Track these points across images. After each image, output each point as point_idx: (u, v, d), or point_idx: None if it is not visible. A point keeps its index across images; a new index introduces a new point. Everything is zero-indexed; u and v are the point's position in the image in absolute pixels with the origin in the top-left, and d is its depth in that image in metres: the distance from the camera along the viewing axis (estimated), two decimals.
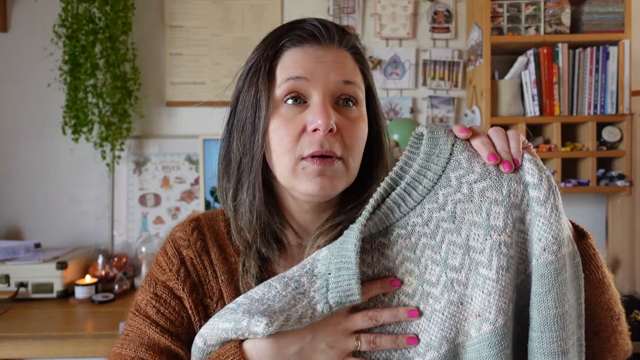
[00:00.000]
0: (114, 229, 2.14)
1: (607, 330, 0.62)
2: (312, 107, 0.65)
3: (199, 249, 0.73)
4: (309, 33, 0.67)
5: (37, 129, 2.12)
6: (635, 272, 1.97)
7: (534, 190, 0.55)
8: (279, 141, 0.66)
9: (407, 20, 2.17)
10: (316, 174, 0.64)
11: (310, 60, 0.66)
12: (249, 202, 0.69)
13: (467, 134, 0.58)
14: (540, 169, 0.55)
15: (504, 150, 0.57)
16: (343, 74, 0.67)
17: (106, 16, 1.95)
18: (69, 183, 2.14)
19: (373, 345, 0.60)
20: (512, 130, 0.60)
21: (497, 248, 0.54)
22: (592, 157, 1.92)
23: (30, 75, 2.10)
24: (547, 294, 0.53)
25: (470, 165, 0.57)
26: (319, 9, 2.17)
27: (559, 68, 1.91)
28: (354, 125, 0.67)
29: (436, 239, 0.59)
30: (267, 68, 0.67)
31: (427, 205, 0.59)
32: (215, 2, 2.16)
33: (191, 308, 0.70)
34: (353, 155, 0.67)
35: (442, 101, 2.18)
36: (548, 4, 1.93)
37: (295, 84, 0.66)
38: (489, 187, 0.56)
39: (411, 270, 0.60)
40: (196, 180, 2.15)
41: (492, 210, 0.55)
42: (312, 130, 0.64)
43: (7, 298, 1.76)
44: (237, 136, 0.70)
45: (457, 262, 0.57)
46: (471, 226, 0.57)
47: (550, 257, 0.53)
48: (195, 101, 2.15)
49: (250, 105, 0.68)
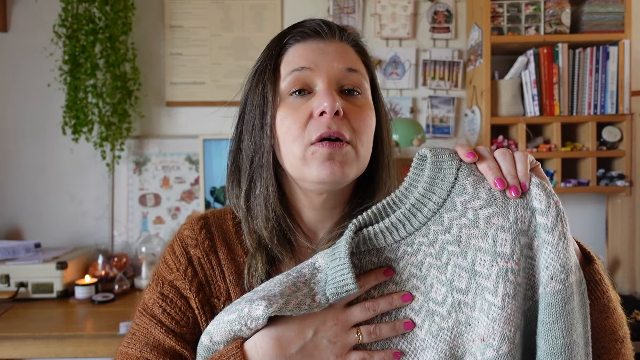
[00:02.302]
0: (114, 229, 2.14)
1: (610, 353, 0.61)
2: (318, 94, 0.66)
3: (207, 248, 0.73)
4: (311, 29, 0.69)
5: (37, 129, 2.12)
6: (635, 272, 1.97)
7: (542, 216, 0.54)
8: (287, 130, 0.67)
9: (407, 20, 2.17)
10: (326, 158, 0.64)
11: (313, 52, 0.68)
12: (264, 197, 0.70)
13: (473, 158, 0.57)
14: (548, 195, 0.55)
15: (511, 174, 0.56)
16: (346, 62, 0.68)
17: (106, 16, 1.95)
18: (69, 183, 2.14)
19: (374, 335, 0.60)
20: (520, 152, 0.59)
21: (503, 275, 0.54)
22: (592, 157, 1.92)
23: (30, 75, 2.10)
24: (554, 323, 0.53)
25: (476, 190, 0.57)
26: (319, 9, 2.17)
27: (559, 68, 1.91)
28: (361, 111, 0.68)
29: (442, 260, 0.59)
30: (272, 65, 0.69)
31: (433, 227, 0.59)
32: (215, 2, 2.16)
33: (197, 308, 0.70)
34: (362, 140, 0.67)
35: (442, 101, 2.18)
36: (548, 4, 1.93)
37: (300, 74, 0.67)
38: (495, 214, 0.55)
39: (417, 286, 0.60)
40: (196, 180, 2.15)
41: (499, 236, 0.55)
42: (319, 114, 0.65)
43: (7, 298, 1.76)
44: (248, 136, 0.71)
45: (464, 285, 0.57)
46: (477, 251, 0.56)
47: (557, 286, 0.53)
48: (195, 101, 2.15)
49: (258, 102, 0.70)
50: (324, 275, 0.60)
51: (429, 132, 2.16)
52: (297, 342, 0.59)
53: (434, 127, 2.17)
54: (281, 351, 0.58)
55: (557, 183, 1.92)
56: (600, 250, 2.12)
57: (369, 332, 0.60)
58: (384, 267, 0.62)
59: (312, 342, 0.59)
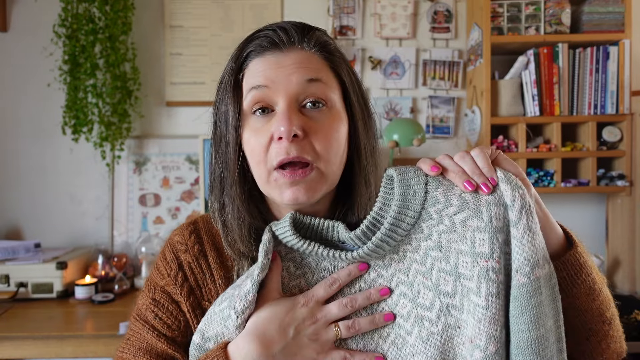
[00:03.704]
0: (113, 229, 2.14)
1: (598, 335, 0.61)
2: (277, 115, 0.64)
3: (197, 252, 0.74)
4: (268, 41, 0.66)
5: (37, 129, 2.12)
6: (635, 272, 1.96)
7: (509, 211, 0.55)
8: (250, 152, 0.66)
9: (407, 20, 2.17)
10: (288, 186, 0.64)
11: (270, 68, 0.65)
12: (237, 214, 0.69)
13: (437, 171, 0.59)
14: (513, 188, 0.55)
15: (476, 173, 0.57)
16: (305, 73, 0.64)
17: (106, 16, 1.95)
18: (68, 183, 2.14)
19: (353, 329, 0.61)
20: (476, 149, 0.60)
21: (484, 275, 0.54)
22: (592, 157, 1.92)
23: (30, 75, 2.10)
24: (520, 316, 0.53)
25: (447, 198, 0.58)
26: (319, 9, 2.17)
27: (559, 68, 1.91)
28: (325, 127, 0.65)
29: (426, 265, 0.60)
30: (232, 82, 0.67)
31: (414, 235, 0.61)
32: (215, 2, 2.16)
33: (189, 312, 0.71)
34: (328, 158, 0.65)
35: (442, 101, 2.18)
36: (548, 4, 1.93)
37: (258, 93, 0.65)
38: (469, 217, 0.56)
39: (405, 293, 0.61)
40: (196, 180, 2.15)
41: (477, 237, 0.55)
42: (278, 138, 0.63)
43: (7, 298, 1.76)
44: (216, 151, 0.71)
45: (449, 288, 0.58)
46: (459, 254, 0.57)
47: (522, 279, 0.53)
48: (195, 101, 2.15)
49: (223, 119, 0.69)
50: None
51: (429, 132, 2.16)
52: (279, 343, 0.60)
53: (434, 127, 2.17)
54: (265, 351, 0.59)
55: (557, 183, 1.92)
56: (600, 250, 2.12)
57: (347, 327, 0.61)
58: (358, 262, 0.64)
59: (294, 341, 0.60)
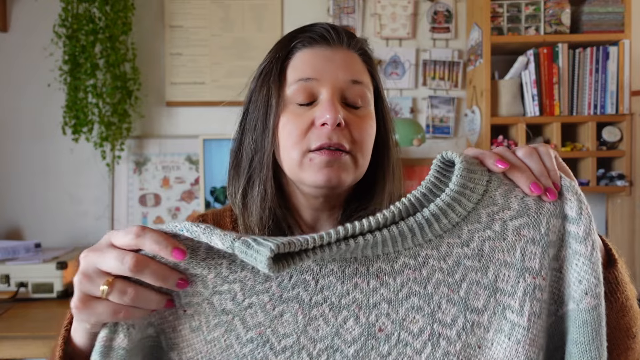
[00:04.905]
0: (114, 229, 2.14)
1: (620, 348, 0.60)
2: (321, 103, 0.67)
3: None
4: (318, 34, 0.70)
5: (37, 129, 2.12)
6: (635, 272, 1.97)
7: (573, 225, 0.49)
8: (287, 135, 0.68)
9: (407, 20, 2.17)
10: (324, 165, 0.66)
11: (319, 60, 0.68)
12: (261, 198, 0.70)
13: (504, 167, 0.52)
14: (579, 199, 0.50)
15: (544, 175, 0.51)
16: (351, 73, 0.69)
17: (106, 16, 1.95)
18: (69, 183, 2.14)
19: (127, 297, 0.48)
20: (542, 146, 0.54)
21: (531, 292, 0.49)
22: (592, 157, 1.93)
23: (30, 75, 2.10)
24: (591, 342, 0.48)
25: (507, 201, 0.51)
26: (319, 9, 2.17)
27: (559, 68, 1.91)
28: (363, 122, 0.69)
29: (455, 276, 0.52)
30: (278, 69, 0.70)
31: (448, 239, 0.52)
32: (215, 2, 2.16)
33: None
34: (362, 151, 0.69)
35: (442, 101, 2.18)
36: (548, 4, 1.94)
37: (306, 85, 0.68)
38: (525, 225, 0.50)
39: (419, 306, 0.52)
40: (196, 180, 2.15)
41: (528, 250, 0.50)
42: (321, 124, 0.66)
43: (7, 298, 1.76)
44: (250, 135, 0.72)
45: (480, 303, 0.51)
46: (501, 266, 0.51)
47: (593, 301, 0.48)
48: (195, 101, 2.15)
49: (262, 104, 0.70)
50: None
51: (429, 132, 2.17)
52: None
53: (434, 127, 2.17)
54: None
55: None
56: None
57: (123, 291, 0.48)
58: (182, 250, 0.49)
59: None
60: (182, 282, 0.50)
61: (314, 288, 0.53)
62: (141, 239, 0.49)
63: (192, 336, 0.53)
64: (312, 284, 0.53)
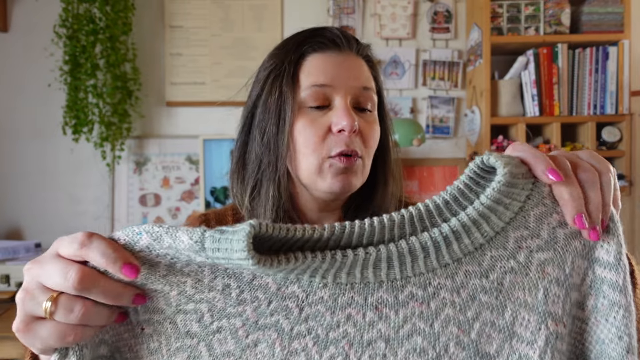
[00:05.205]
0: (114, 229, 2.14)
1: None
2: (337, 110, 0.68)
3: None
4: (329, 39, 0.71)
5: (37, 129, 2.12)
6: None
7: (610, 271, 0.42)
8: (305, 141, 0.69)
9: (407, 21, 2.17)
10: (341, 171, 0.68)
11: (332, 67, 0.70)
12: (273, 202, 0.71)
13: (556, 180, 0.42)
14: (619, 242, 0.43)
15: (598, 209, 0.43)
16: (362, 80, 0.71)
17: (106, 16, 1.95)
18: (69, 183, 2.14)
19: (73, 315, 0.41)
20: (605, 168, 0.44)
21: (552, 342, 0.42)
22: None
23: (31, 75, 2.11)
24: None
25: (538, 226, 0.43)
26: (318, 9, 2.17)
27: (559, 68, 1.91)
28: (372, 127, 0.72)
29: (467, 313, 0.43)
30: (291, 72, 0.70)
31: (467, 266, 0.43)
32: (215, 2, 2.16)
33: None
34: (369, 153, 0.72)
35: (442, 101, 2.18)
36: (548, 4, 1.94)
37: (320, 90, 0.69)
38: (550, 261, 0.43)
39: (422, 349, 0.43)
40: (196, 180, 2.15)
41: (552, 291, 0.42)
42: (338, 131, 0.68)
43: (7, 298, 1.76)
44: (259, 137, 0.72)
45: (493, 349, 0.43)
46: (520, 307, 0.43)
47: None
48: (195, 101, 2.15)
49: (275, 108, 0.70)
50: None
51: (429, 132, 2.17)
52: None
53: (433, 127, 2.18)
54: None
55: None
56: None
57: (69, 309, 0.41)
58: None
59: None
60: (139, 298, 0.43)
61: (297, 316, 0.43)
62: (86, 250, 0.41)
63: (151, 359, 0.44)
64: (295, 312, 0.43)
